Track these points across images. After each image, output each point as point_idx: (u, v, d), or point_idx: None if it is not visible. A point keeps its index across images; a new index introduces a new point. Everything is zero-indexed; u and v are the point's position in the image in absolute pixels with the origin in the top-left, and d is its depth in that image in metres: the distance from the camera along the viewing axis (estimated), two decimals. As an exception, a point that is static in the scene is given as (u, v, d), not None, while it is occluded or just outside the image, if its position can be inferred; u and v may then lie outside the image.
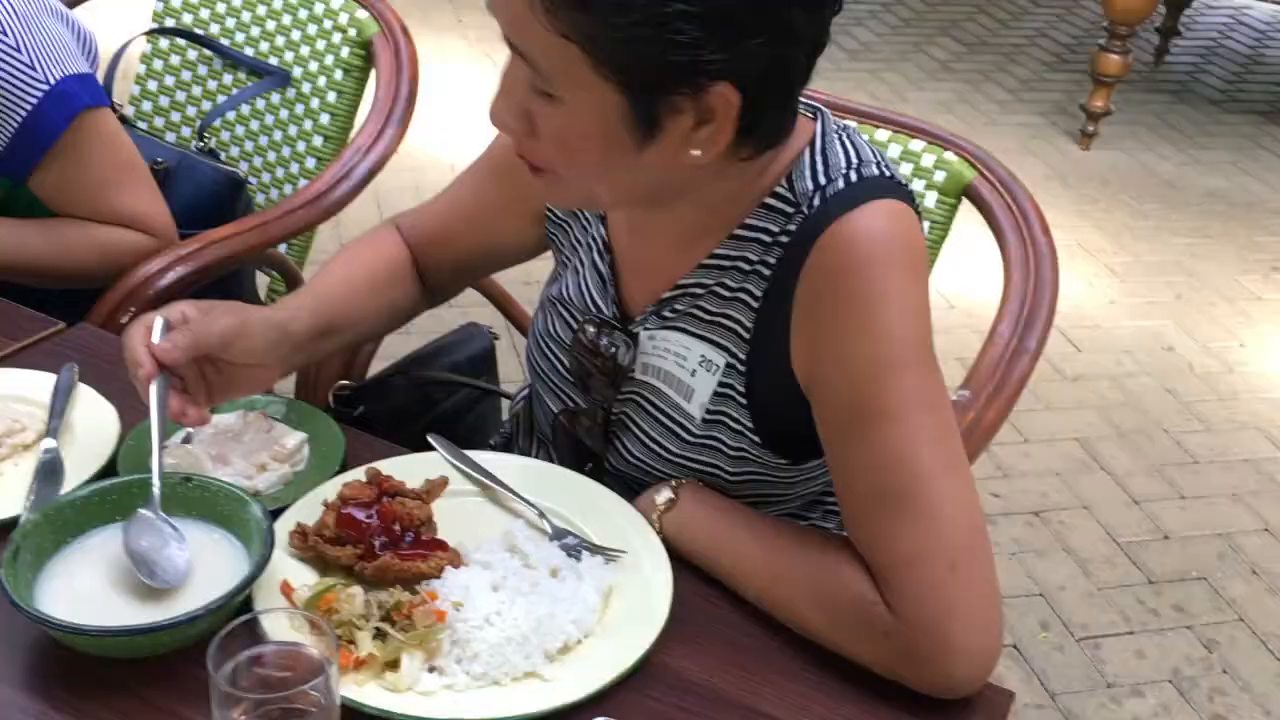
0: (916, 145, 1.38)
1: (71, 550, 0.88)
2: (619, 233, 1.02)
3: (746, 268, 0.93)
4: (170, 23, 1.81)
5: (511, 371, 1.69)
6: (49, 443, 0.99)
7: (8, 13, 1.25)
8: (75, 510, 0.89)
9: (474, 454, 1.05)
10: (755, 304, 0.93)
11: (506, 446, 1.29)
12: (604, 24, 0.77)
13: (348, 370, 1.39)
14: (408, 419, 1.31)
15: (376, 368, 1.42)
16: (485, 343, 1.44)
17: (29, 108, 1.26)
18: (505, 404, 1.45)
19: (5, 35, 1.24)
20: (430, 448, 1.05)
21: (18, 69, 1.24)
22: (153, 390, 0.91)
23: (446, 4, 4.61)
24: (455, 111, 3.33)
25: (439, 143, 3.41)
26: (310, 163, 1.74)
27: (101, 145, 1.34)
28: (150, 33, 1.80)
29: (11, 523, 0.90)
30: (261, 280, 1.82)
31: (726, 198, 0.92)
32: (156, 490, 0.89)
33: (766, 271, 0.92)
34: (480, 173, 1.14)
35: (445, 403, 1.36)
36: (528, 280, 1.57)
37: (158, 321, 0.93)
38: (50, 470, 0.96)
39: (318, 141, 1.74)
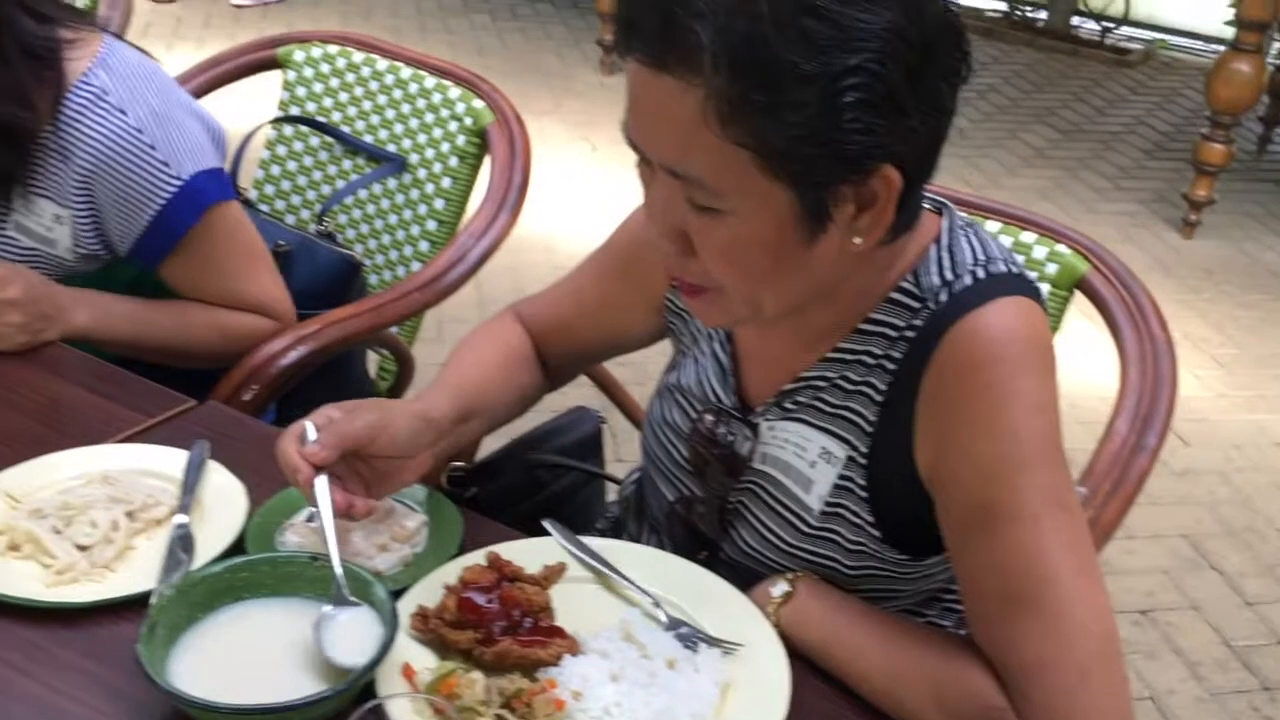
0: (1028, 237, 1.37)
1: (203, 626, 0.90)
2: None
3: (870, 361, 0.93)
4: (295, 111, 1.89)
5: (615, 453, 1.69)
6: (181, 518, 1.02)
7: (148, 113, 1.31)
8: (207, 587, 0.91)
9: (589, 540, 1.05)
10: (879, 398, 0.93)
11: (614, 531, 1.29)
12: (780, 123, 0.78)
13: (458, 452, 1.41)
14: (517, 500, 1.32)
15: (487, 448, 1.44)
16: (593, 426, 1.45)
17: (163, 202, 1.32)
18: (609, 486, 1.46)
19: (143, 134, 1.30)
20: (543, 531, 1.06)
21: (154, 166, 1.31)
22: (318, 487, 0.94)
23: (545, 90, 4.73)
24: (553, 196, 3.40)
25: (535, 226, 3.48)
26: (423, 245, 1.79)
27: (228, 236, 1.40)
28: (275, 120, 1.88)
29: (145, 597, 0.92)
30: (371, 358, 1.87)
31: (854, 293, 0.92)
32: (340, 575, 0.91)
33: (891, 366, 0.92)
34: (602, 264, 1.16)
35: (553, 485, 1.37)
36: (626, 362, 1.59)
37: (307, 426, 0.96)
38: (183, 546, 0.99)
39: (431, 225, 1.78)
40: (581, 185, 3.99)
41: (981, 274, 0.89)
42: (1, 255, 1.35)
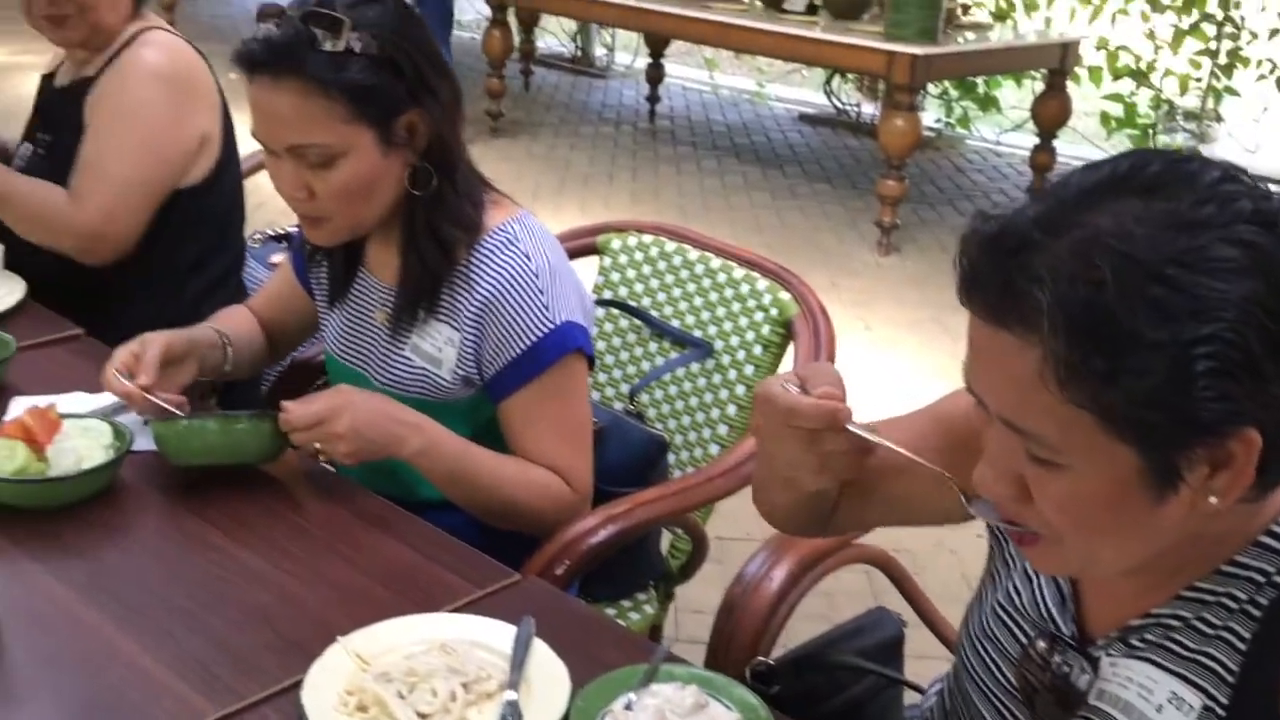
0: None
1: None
2: None
3: (1233, 605, 0.88)
4: (609, 294, 2.01)
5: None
6: (510, 694, 1.06)
7: (545, 263, 1.47)
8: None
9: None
10: (1242, 646, 0.87)
11: (917, 744, 1.25)
12: (1123, 390, 0.76)
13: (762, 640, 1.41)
14: (817, 700, 1.30)
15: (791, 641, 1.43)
16: (894, 630, 1.42)
17: (533, 340, 1.45)
18: (909, 692, 1.42)
19: (538, 277, 1.45)
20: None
21: (539, 306, 1.45)
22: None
23: (821, 268, 4.81)
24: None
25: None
26: (723, 429, 1.84)
27: (571, 392, 1.50)
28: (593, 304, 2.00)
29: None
30: (665, 535, 1.91)
31: (1217, 535, 0.88)
32: None
33: (1256, 612, 0.87)
34: (923, 431, 1.12)
35: (853, 688, 1.34)
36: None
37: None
38: (512, 722, 1.03)
39: (731, 410, 1.83)
40: (857, 365, 4.00)
41: None
42: (396, 373, 1.52)
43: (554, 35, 9.44)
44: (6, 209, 1.86)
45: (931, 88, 6.87)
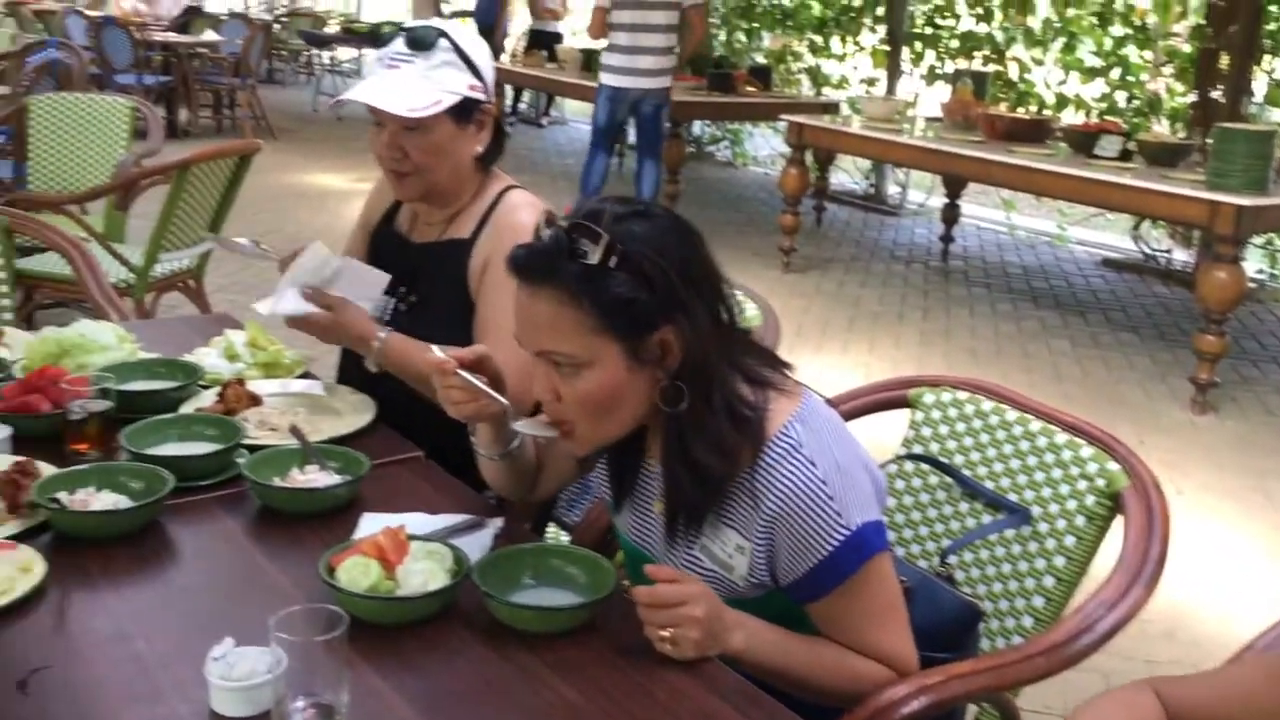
0: None
1: None
2: None
3: None
4: (918, 449, 1.98)
5: None
6: None
7: (832, 466, 1.42)
8: None
9: None
10: None
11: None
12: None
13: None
14: None
15: None
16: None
17: (831, 549, 1.40)
18: None
19: (826, 485, 1.41)
20: None
21: (831, 515, 1.40)
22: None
23: (1127, 424, 4.55)
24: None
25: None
26: (1038, 601, 1.75)
27: (879, 586, 1.46)
28: (900, 458, 1.97)
29: None
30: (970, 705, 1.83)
31: None
32: None
33: None
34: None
35: None
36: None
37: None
38: None
39: (1048, 581, 1.75)
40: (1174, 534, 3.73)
41: None
42: (685, 569, 1.50)
43: (847, 172, 9.56)
44: (424, 382, 1.86)
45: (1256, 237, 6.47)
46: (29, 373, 1.96)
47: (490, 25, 10.97)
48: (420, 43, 1.95)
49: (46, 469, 1.67)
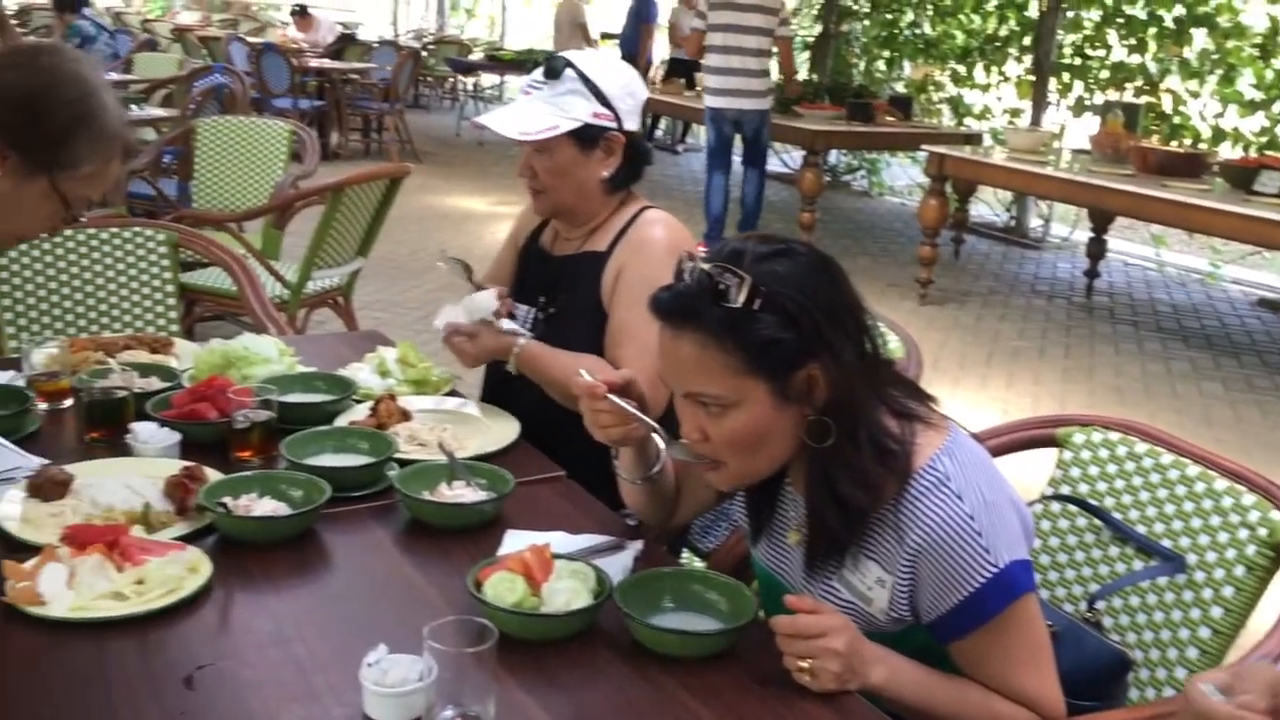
0: None
1: None
2: None
3: None
4: (1066, 490, 1.93)
5: None
6: None
7: (980, 501, 1.40)
8: None
9: None
10: None
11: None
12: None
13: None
14: None
15: None
16: None
17: (977, 586, 1.38)
18: None
19: (973, 520, 1.38)
20: None
21: (977, 551, 1.38)
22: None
23: (1285, 472, 4.34)
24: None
25: None
26: (1192, 653, 1.69)
27: (1025, 627, 1.42)
28: (1047, 498, 1.92)
29: None
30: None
31: None
32: None
33: None
34: None
35: None
36: None
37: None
38: None
39: (1204, 633, 1.68)
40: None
41: None
42: (821, 600, 1.49)
43: (987, 204, 9.38)
44: (559, 386, 2.05)
45: None
46: (197, 382, 2.07)
47: (633, 54, 11.15)
48: (549, 71, 2.08)
49: (212, 474, 1.75)
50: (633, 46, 11.26)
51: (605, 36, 12.05)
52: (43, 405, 2.04)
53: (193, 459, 1.81)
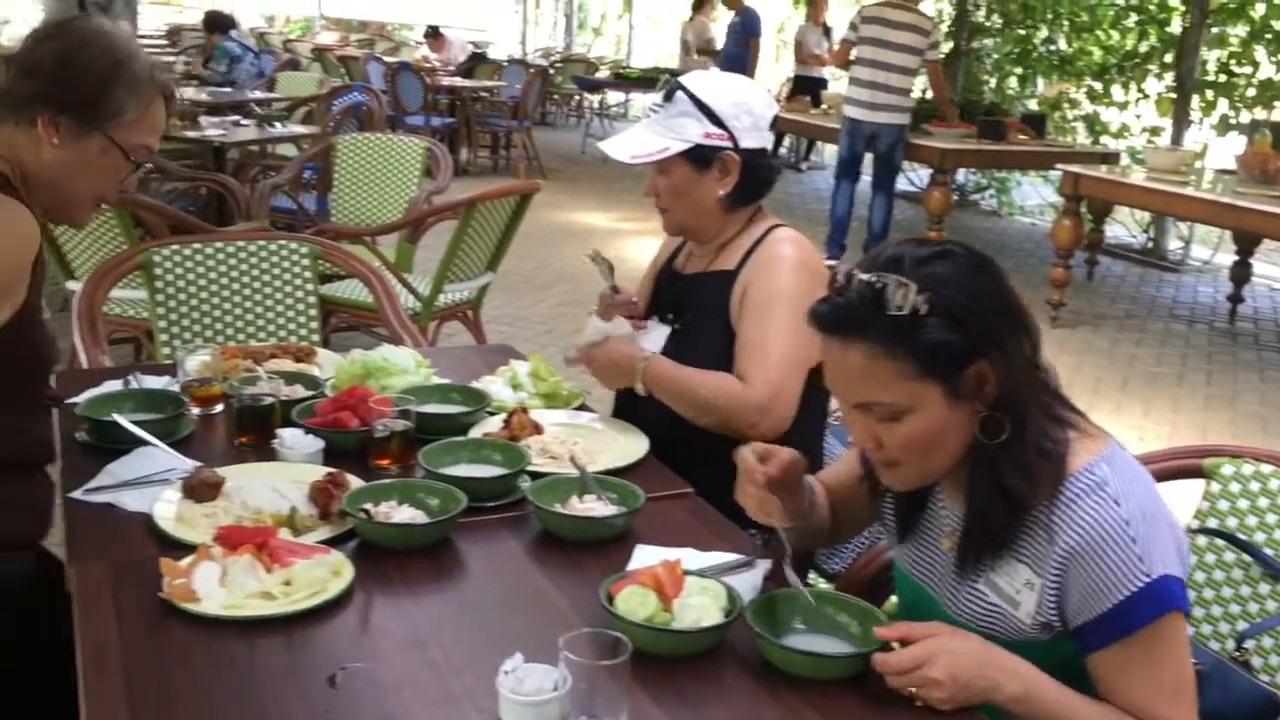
0: None
1: None
2: None
3: None
4: (1213, 523, 1.86)
5: None
6: None
7: (1138, 509, 1.37)
8: None
9: None
10: None
11: None
12: None
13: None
14: None
15: None
16: None
17: (1127, 594, 1.35)
18: None
19: (1129, 526, 1.36)
20: None
21: (1131, 558, 1.35)
22: None
23: None
24: None
25: None
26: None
27: (1170, 649, 1.38)
28: (1194, 531, 1.86)
29: None
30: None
31: None
32: None
33: None
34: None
35: None
36: None
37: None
38: None
39: (1360, 678, 1.60)
40: None
41: None
42: (967, 606, 1.49)
43: (1123, 225, 9.11)
44: (685, 401, 2.10)
45: None
46: (338, 391, 2.14)
47: (739, 70, 11.12)
48: (666, 95, 2.15)
49: (354, 481, 1.81)
50: (738, 63, 11.24)
51: (701, 52, 12.01)
52: (196, 410, 2.13)
53: (334, 465, 1.87)
